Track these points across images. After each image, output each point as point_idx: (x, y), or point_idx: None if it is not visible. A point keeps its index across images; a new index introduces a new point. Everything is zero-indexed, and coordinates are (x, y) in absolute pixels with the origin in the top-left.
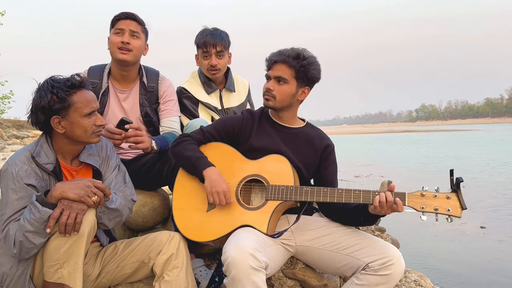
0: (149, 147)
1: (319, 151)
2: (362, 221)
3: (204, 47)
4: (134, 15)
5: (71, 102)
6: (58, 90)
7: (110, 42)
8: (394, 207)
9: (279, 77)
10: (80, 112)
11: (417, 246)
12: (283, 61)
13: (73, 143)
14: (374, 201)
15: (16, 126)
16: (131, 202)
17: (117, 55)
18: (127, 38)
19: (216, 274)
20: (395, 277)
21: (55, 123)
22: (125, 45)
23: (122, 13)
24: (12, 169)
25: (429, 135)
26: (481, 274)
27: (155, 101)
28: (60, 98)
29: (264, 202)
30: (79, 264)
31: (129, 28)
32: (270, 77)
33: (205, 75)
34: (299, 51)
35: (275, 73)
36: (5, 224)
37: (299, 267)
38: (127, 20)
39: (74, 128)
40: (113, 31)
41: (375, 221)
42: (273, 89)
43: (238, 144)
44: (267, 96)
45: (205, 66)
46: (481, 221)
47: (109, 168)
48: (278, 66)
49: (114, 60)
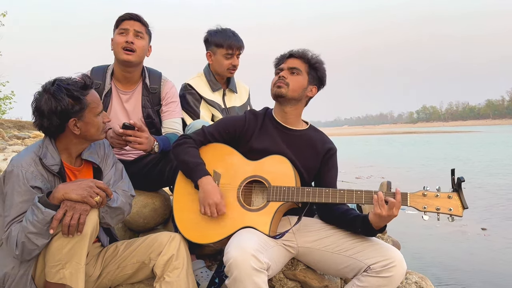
0: (150, 148)
1: (321, 154)
2: (360, 231)
3: (230, 48)
4: (139, 16)
5: (86, 103)
6: (74, 93)
7: (114, 42)
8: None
9: (293, 68)
10: (94, 111)
11: (418, 247)
12: (298, 55)
13: (82, 142)
14: (373, 200)
15: (17, 126)
16: (131, 198)
17: (121, 56)
18: (131, 38)
19: (217, 275)
20: (397, 279)
21: (72, 125)
22: (129, 44)
23: (126, 14)
24: (19, 171)
25: (430, 136)
26: (482, 276)
27: (157, 102)
28: (77, 101)
29: (265, 203)
30: (81, 265)
31: (134, 28)
32: (283, 69)
33: (213, 74)
34: (311, 51)
35: (289, 65)
36: (8, 226)
37: (300, 269)
38: (131, 21)
39: (89, 127)
40: (117, 31)
41: (372, 231)
42: (286, 77)
43: (239, 145)
44: (279, 83)
45: (226, 65)
46: (482, 223)
47: (108, 166)
48: (292, 60)
49: (118, 61)
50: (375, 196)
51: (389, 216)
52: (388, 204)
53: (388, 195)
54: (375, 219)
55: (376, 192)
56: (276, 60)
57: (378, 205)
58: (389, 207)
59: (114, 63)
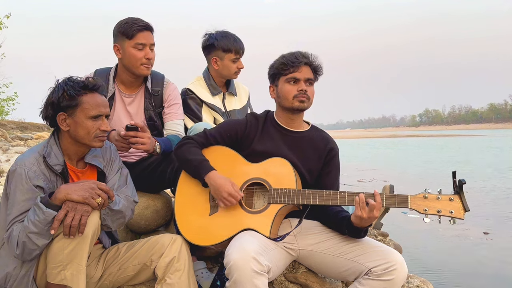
0: (152, 149)
1: (323, 155)
2: (347, 232)
3: (237, 53)
4: (150, 25)
5: (79, 101)
6: (69, 88)
7: (131, 55)
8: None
9: (309, 79)
10: (86, 113)
11: (420, 251)
12: (309, 63)
13: (78, 144)
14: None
15: (20, 127)
16: (133, 203)
17: (141, 71)
18: (150, 54)
19: (218, 278)
20: (398, 282)
21: (60, 119)
22: (149, 61)
23: (140, 25)
24: (22, 170)
25: (433, 140)
26: (484, 280)
27: (159, 105)
28: (70, 96)
29: (266, 206)
30: (82, 266)
31: (150, 42)
32: (299, 79)
33: (213, 78)
34: (315, 57)
35: (306, 75)
36: (10, 225)
37: (301, 271)
38: (145, 32)
39: (77, 128)
40: (132, 45)
41: (359, 232)
42: (307, 90)
43: (241, 148)
44: (303, 98)
45: (233, 69)
46: (485, 227)
47: (113, 170)
48: (306, 68)
49: (131, 72)
50: (356, 198)
51: (369, 218)
52: (369, 206)
53: (368, 197)
54: (356, 221)
55: (358, 193)
56: (287, 65)
57: (359, 207)
58: (369, 209)
59: (118, 67)
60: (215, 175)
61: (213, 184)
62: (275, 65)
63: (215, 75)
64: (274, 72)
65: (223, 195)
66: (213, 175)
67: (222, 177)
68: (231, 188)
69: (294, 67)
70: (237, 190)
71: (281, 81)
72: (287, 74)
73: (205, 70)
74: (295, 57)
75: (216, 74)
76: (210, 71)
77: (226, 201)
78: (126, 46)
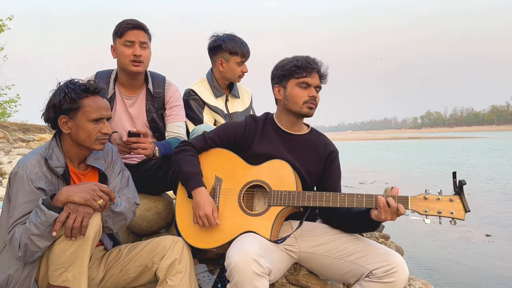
0: (152, 153)
1: (323, 158)
2: (365, 228)
3: (243, 56)
4: (141, 24)
5: (80, 104)
6: (70, 91)
7: (120, 53)
8: (398, 213)
9: (318, 86)
10: (88, 116)
11: (421, 253)
12: (318, 70)
13: (79, 147)
14: (378, 202)
15: (22, 129)
16: (135, 206)
17: (130, 68)
18: (138, 51)
19: (219, 280)
20: (399, 285)
21: (61, 122)
22: (138, 57)
23: (129, 23)
24: (23, 172)
25: (435, 142)
26: (486, 282)
27: (161, 106)
28: (71, 99)
29: (266, 208)
30: (84, 268)
31: (139, 40)
32: (310, 85)
33: (216, 80)
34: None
35: (317, 82)
36: (12, 227)
37: (303, 274)
38: (135, 31)
39: (79, 130)
40: (122, 43)
41: (377, 227)
42: (317, 97)
43: (240, 150)
44: (312, 105)
45: (238, 72)
46: (486, 229)
47: (114, 173)
48: (315, 75)
49: (125, 71)
50: (380, 202)
51: (390, 220)
52: (391, 208)
53: (388, 197)
54: (378, 217)
55: (377, 195)
56: (300, 68)
57: (383, 211)
58: (392, 212)
59: (117, 69)
60: (202, 192)
61: (197, 199)
62: (287, 67)
63: (219, 77)
64: (285, 73)
65: (200, 213)
66: (200, 191)
67: (208, 197)
68: (210, 212)
69: (307, 72)
70: (215, 217)
71: (290, 84)
72: (299, 78)
73: (208, 72)
74: (308, 62)
75: (220, 76)
76: (214, 73)
77: (199, 220)
78: (117, 45)
